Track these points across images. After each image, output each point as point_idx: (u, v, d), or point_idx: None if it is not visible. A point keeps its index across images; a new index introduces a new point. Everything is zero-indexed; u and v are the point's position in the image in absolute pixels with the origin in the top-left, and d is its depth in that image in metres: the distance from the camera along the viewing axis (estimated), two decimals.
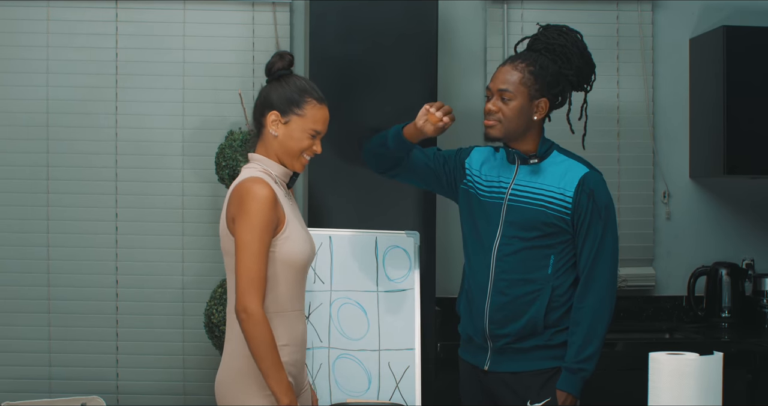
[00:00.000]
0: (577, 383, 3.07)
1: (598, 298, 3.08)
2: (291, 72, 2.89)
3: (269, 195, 2.71)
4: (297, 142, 2.82)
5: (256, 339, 2.65)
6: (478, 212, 3.23)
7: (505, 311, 3.13)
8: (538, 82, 3.12)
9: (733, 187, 4.67)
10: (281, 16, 4.46)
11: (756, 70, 4.34)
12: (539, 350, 3.13)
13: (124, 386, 4.41)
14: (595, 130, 4.56)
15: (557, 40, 3.17)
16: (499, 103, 3.13)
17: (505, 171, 3.21)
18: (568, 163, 3.16)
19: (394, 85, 3.95)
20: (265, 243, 2.70)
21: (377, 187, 3.88)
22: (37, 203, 4.40)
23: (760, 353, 4.04)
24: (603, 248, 3.10)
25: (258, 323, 2.65)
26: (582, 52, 3.19)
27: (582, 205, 3.09)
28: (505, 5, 4.55)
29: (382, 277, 3.52)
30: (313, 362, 3.49)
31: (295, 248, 2.78)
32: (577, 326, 3.09)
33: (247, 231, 2.69)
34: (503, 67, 3.16)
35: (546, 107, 3.16)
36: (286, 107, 2.82)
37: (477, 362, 3.23)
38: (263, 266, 2.70)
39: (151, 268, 4.42)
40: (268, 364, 2.65)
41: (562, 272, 3.13)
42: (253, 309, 2.65)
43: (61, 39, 4.41)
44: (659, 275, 4.63)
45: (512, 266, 3.13)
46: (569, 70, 3.17)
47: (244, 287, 2.66)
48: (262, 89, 2.89)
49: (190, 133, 4.44)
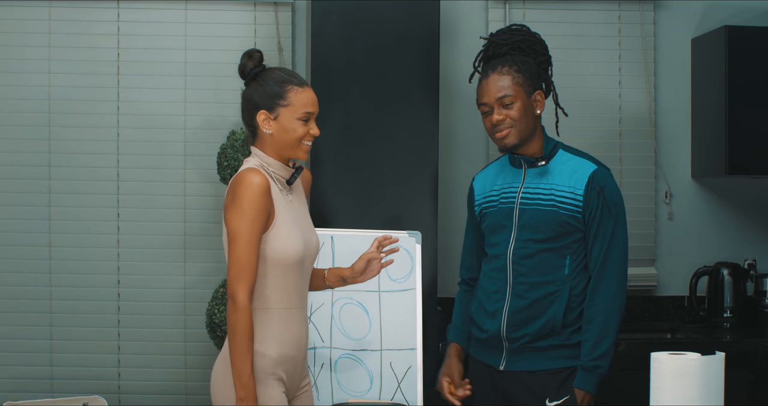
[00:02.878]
0: (594, 380, 3.07)
1: (609, 294, 3.08)
2: (264, 67, 2.89)
3: (262, 183, 2.71)
4: (292, 132, 2.82)
5: (233, 327, 2.66)
6: (490, 224, 3.24)
7: (524, 313, 3.12)
8: (527, 78, 3.16)
9: (734, 187, 4.67)
10: (283, 16, 4.46)
11: (758, 70, 4.34)
12: (557, 350, 3.12)
13: (126, 385, 4.41)
14: (597, 130, 4.58)
15: (515, 37, 3.23)
16: (503, 110, 3.13)
17: (512, 177, 3.21)
18: (576, 161, 3.16)
19: (396, 85, 3.95)
20: (255, 231, 2.70)
21: (379, 187, 3.88)
22: (39, 202, 4.40)
23: (762, 353, 4.04)
24: (613, 245, 3.10)
25: (238, 310, 2.66)
26: (538, 40, 3.27)
27: (592, 202, 3.09)
28: (506, 5, 4.55)
29: (383, 277, 3.52)
30: (315, 362, 3.49)
31: (282, 246, 2.77)
32: (589, 323, 3.08)
33: (237, 219, 2.69)
34: (488, 80, 3.17)
35: (543, 99, 3.20)
36: (271, 103, 2.82)
37: (492, 362, 3.21)
38: (253, 255, 2.70)
39: (152, 268, 4.42)
40: (236, 354, 2.66)
41: (578, 271, 3.13)
42: (238, 298, 2.67)
43: (63, 39, 4.41)
44: (661, 275, 4.63)
45: (529, 270, 3.13)
46: (542, 57, 3.24)
47: (233, 275, 2.68)
48: (243, 93, 2.89)
49: (192, 133, 4.44)
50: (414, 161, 3.96)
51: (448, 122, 4.45)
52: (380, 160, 3.95)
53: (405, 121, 3.97)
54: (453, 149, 4.49)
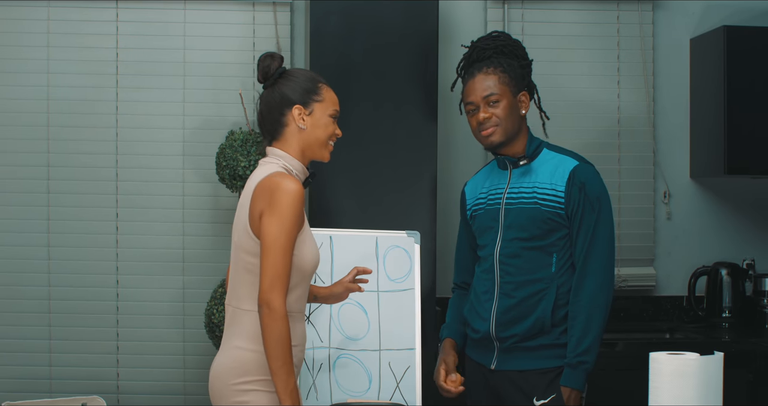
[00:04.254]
0: (579, 376, 3.07)
1: (593, 290, 3.09)
2: (285, 68, 2.90)
3: (300, 190, 2.70)
4: (324, 128, 2.84)
5: (273, 335, 2.62)
6: (480, 226, 3.26)
7: (512, 312, 3.14)
8: (512, 79, 3.21)
9: (733, 187, 4.67)
10: (282, 16, 4.45)
11: (756, 70, 4.34)
12: (546, 349, 3.14)
13: (125, 386, 4.41)
14: (596, 130, 4.57)
15: (497, 42, 3.29)
16: (489, 109, 3.18)
17: (499, 179, 3.26)
18: (559, 159, 3.19)
19: (395, 85, 3.95)
20: (292, 239, 2.68)
21: (378, 187, 3.88)
22: (37, 202, 4.40)
23: (761, 353, 4.04)
24: (596, 240, 3.11)
25: (278, 319, 2.62)
26: (519, 45, 3.33)
27: (574, 197, 3.11)
28: (505, 5, 4.55)
29: (382, 277, 3.52)
30: (313, 362, 3.49)
31: (308, 253, 2.77)
32: (574, 319, 3.10)
33: (276, 225, 2.66)
34: (474, 79, 3.22)
35: (528, 100, 3.26)
36: (306, 98, 2.83)
37: (484, 361, 3.24)
38: (289, 262, 2.67)
39: (151, 268, 4.42)
40: (280, 363, 2.63)
41: (565, 269, 3.14)
42: (276, 305, 2.62)
43: (61, 39, 4.41)
44: (660, 275, 4.63)
45: (516, 268, 3.14)
46: (524, 60, 3.30)
47: (269, 282, 2.64)
48: (269, 92, 2.85)
49: (191, 133, 4.44)
50: (412, 161, 3.96)
51: (446, 123, 4.45)
52: (379, 161, 3.95)
53: (403, 122, 3.97)
54: (451, 149, 4.49)
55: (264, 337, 2.64)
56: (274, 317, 2.62)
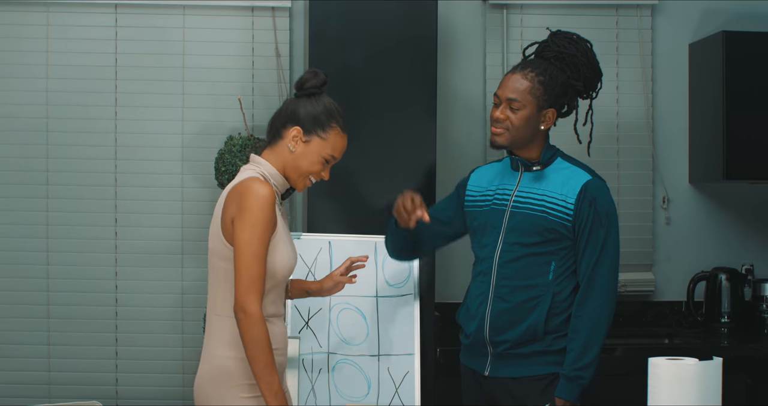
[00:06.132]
0: (575, 390, 3.07)
1: (597, 305, 3.08)
2: (322, 92, 2.87)
3: (270, 194, 2.69)
4: (310, 164, 2.83)
5: (253, 340, 2.64)
6: (481, 224, 3.24)
7: (506, 317, 3.13)
8: (546, 93, 3.12)
9: (732, 193, 4.67)
10: (281, 21, 4.46)
11: (755, 75, 4.34)
12: (539, 356, 3.13)
13: (124, 391, 4.41)
14: (594, 135, 4.56)
15: (567, 49, 3.18)
16: (507, 111, 3.13)
17: (509, 179, 3.22)
18: (572, 170, 3.16)
19: (394, 90, 3.95)
20: (264, 243, 2.69)
21: (377, 192, 3.88)
22: (36, 207, 4.40)
23: (760, 358, 4.04)
24: (603, 256, 3.10)
25: (255, 323, 2.64)
26: (591, 62, 3.21)
27: (583, 212, 3.09)
28: (504, 10, 4.55)
29: (381, 282, 3.52)
30: (312, 367, 3.49)
31: (280, 258, 2.77)
32: (576, 333, 3.08)
33: (247, 229, 2.66)
34: (512, 75, 3.15)
35: (553, 117, 3.17)
36: (311, 126, 2.81)
37: (477, 367, 3.23)
38: (263, 266, 2.68)
39: (150, 273, 4.42)
40: (262, 366, 2.64)
41: (563, 278, 3.13)
42: (252, 309, 2.64)
43: (60, 44, 4.41)
44: (659, 280, 4.62)
45: (513, 273, 3.13)
46: (578, 80, 3.18)
47: (244, 287, 2.65)
48: (289, 100, 2.87)
49: (190, 139, 4.44)
50: (412, 166, 3.96)
51: (446, 127, 4.45)
52: (378, 165, 3.95)
53: (403, 126, 3.97)
54: (451, 154, 4.49)
55: (244, 342, 2.65)
56: (251, 321, 2.64)
